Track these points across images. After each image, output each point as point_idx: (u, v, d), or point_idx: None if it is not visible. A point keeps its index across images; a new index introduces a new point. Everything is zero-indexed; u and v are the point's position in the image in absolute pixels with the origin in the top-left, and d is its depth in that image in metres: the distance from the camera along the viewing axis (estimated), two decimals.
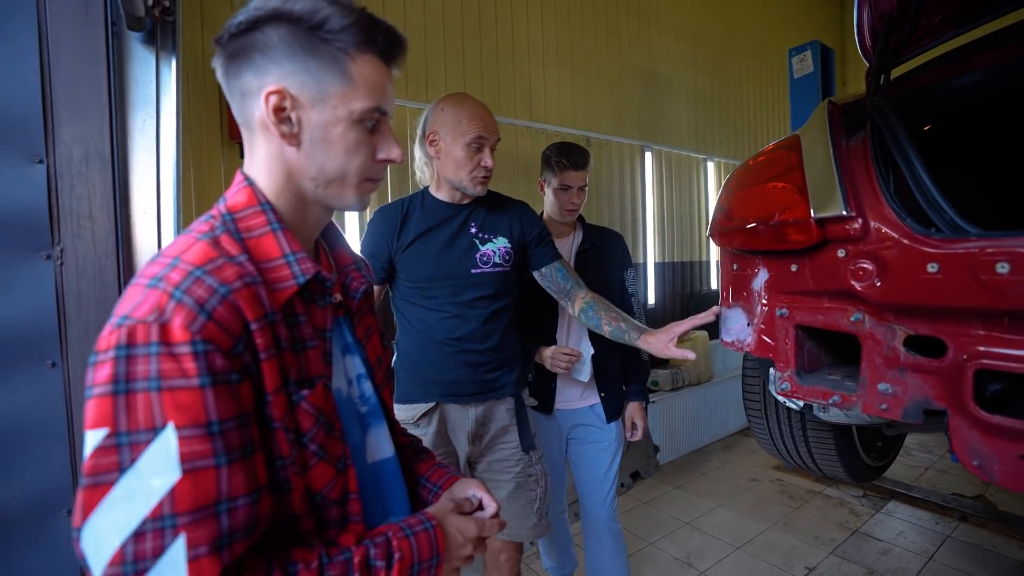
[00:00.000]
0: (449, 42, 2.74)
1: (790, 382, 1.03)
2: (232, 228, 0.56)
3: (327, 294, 0.60)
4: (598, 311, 1.39)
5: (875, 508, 2.80)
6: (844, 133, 0.97)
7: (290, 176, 0.58)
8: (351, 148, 0.57)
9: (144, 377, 0.45)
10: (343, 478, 0.59)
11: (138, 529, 0.43)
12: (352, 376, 0.66)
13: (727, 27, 4.34)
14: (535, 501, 1.41)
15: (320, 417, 0.56)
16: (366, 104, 0.57)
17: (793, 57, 3.03)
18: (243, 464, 0.48)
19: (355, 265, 0.70)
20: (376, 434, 0.68)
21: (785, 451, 1.65)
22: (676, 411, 3.43)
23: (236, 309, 0.49)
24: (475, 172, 1.28)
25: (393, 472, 0.70)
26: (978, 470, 0.80)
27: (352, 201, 0.61)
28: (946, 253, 0.75)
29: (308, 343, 0.57)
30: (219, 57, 0.56)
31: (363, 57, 0.56)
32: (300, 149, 0.57)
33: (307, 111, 0.55)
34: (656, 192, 3.81)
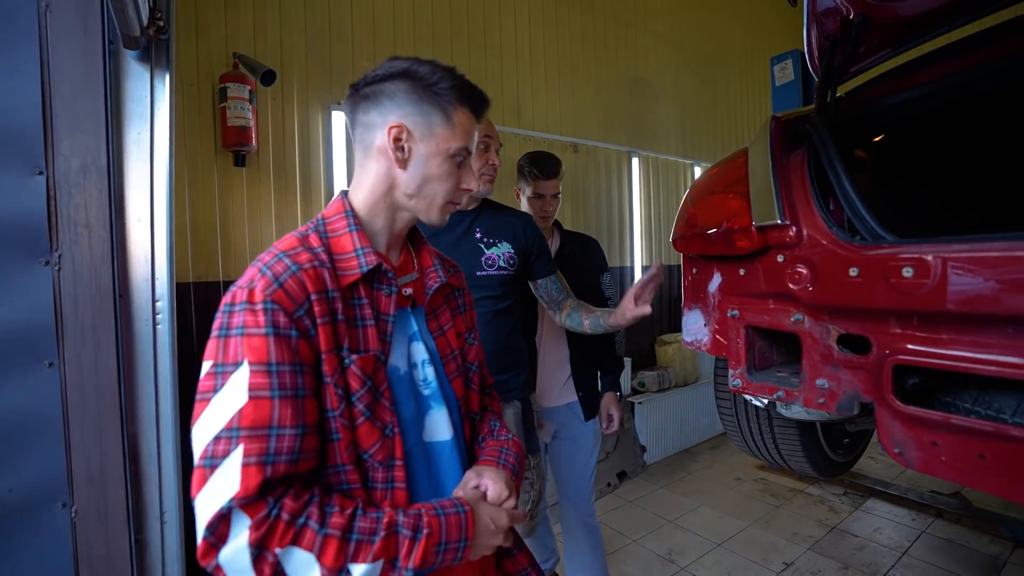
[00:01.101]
0: (438, 48, 2.82)
1: (741, 379, 1.10)
2: (322, 229, 0.74)
3: (391, 284, 0.74)
4: (579, 312, 1.50)
5: (854, 505, 2.87)
6: (787, 147, 1.05)
7: (391, 190, 0.76)
8: (444, 176, 0.75)
9: (236, 326, 0.61)
10: (390, 443, 0.70)
11: (217, 434, 0.58)
12: (417, 360, 0.78)
13: (713, 34, 4.43)
14: (527, 503, 1.45)
15: (368, 382, 0.68)
16: (460, 144, 0.75)
17: (775, 65, 3.10)
18: (293, 402, 0.61)
19: (434, 267, 0.84)
20: (435, 416, 0.78)
21: (754, 447, 1.72)
22: (663, 412, 3.50)
23: (302, 283, 0.64)
24: (483, 169, 1.35)
25: (449, 454, 0.79)
26: (899, 457, 0.87)
27: (436, 216, 0.78)
28: (864, 258, 0.82)
29: (367, 321, 0.70)
30: (352, 96, 0.75)
31: (461, 109, 0.75)
32: (405, 171, 0.74)
33: (416, 144, 0.73)
34: (643, 197, 3.88)
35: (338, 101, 2.46)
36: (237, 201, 2.22)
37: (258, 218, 2.29)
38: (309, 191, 2.41)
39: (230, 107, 2.05)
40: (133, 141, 1.24)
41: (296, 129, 2.38)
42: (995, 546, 2.41)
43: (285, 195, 2.35)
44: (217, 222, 2.17)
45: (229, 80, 2.04)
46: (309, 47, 2.40)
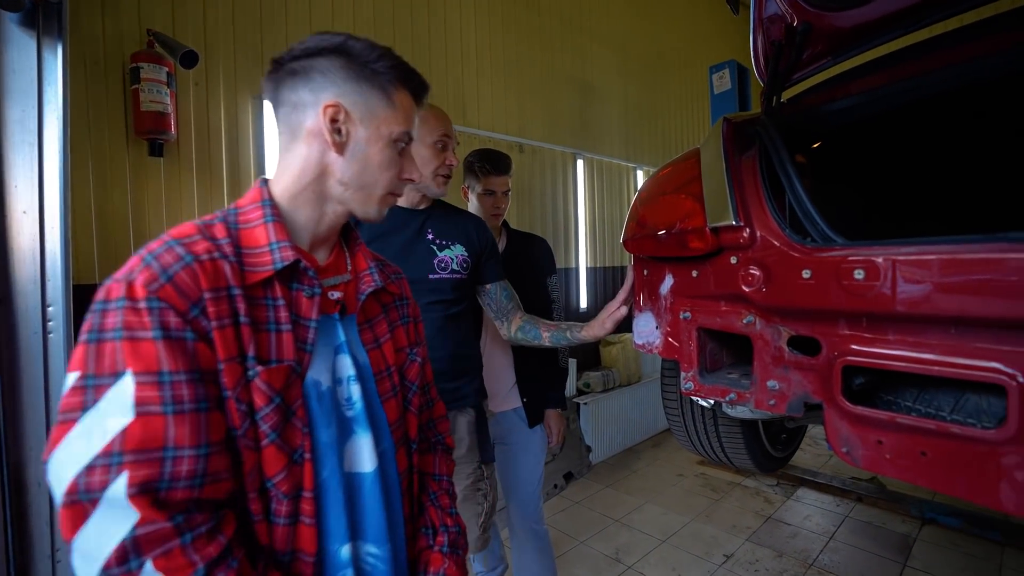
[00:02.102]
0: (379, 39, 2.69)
1: (693, 381, 1.10)
2: (232, 220, 0.64)
3: (313, 285, 0.65)
4: (536, 324, 1.43)
5: (787, 495, 3.02)
6: (738, 149, 1.05)
7: (322, 177, 0.68)
8: (385, 163, 0.69)
9: (112, 327, 0.51)
10: (298, 471, 0.61)
11: (90, 463, 0.48)
12: (342, 376, 0.68)
13: (655, 40, 4.56)
14: (480, 515, 1.40)
15: (276, 398, 0.59)
16: (403, 128, 0.70)
17: (713, 74, 3.21)
18: (193, 417, 0.52)
19: (370, 271, 0.76)
20: (358, 442, 0.68)
21: (700, 446, 1.75)
22: (608, 412, 3.54)
23: (195, 277, 0.55)
24: (439, 170, 1.30)
25: (372, 489, 0.68)
26: (846, 456, 0.88)
27: (374, 209, 0.71)
28: (816, 260, 0.83)
29: (282, 326, 0.61)
30: (276, 72, 0.66)
31: (402, 91, 0.70)
32: (342, 156, 0.67)
33: (355, 126, 0.67)
34: (588, 199, 3.92)
35: None
36: (154, 194, 2.01)
37: (178, 214, 2.08)
38: (238, 187, 2.22)
39: (143, 90, 1.84)
40: (15, 120, 1.07)
41: (223, 119, 2.19)
42: (906, 525, 2.62)
43: (211, 191, 2.16)
44: (130, 217, 1.94)
45: (142, 60, 1.83)
46: (237, 29, 2.22)
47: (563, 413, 1.86)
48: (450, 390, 1.33)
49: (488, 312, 1.49)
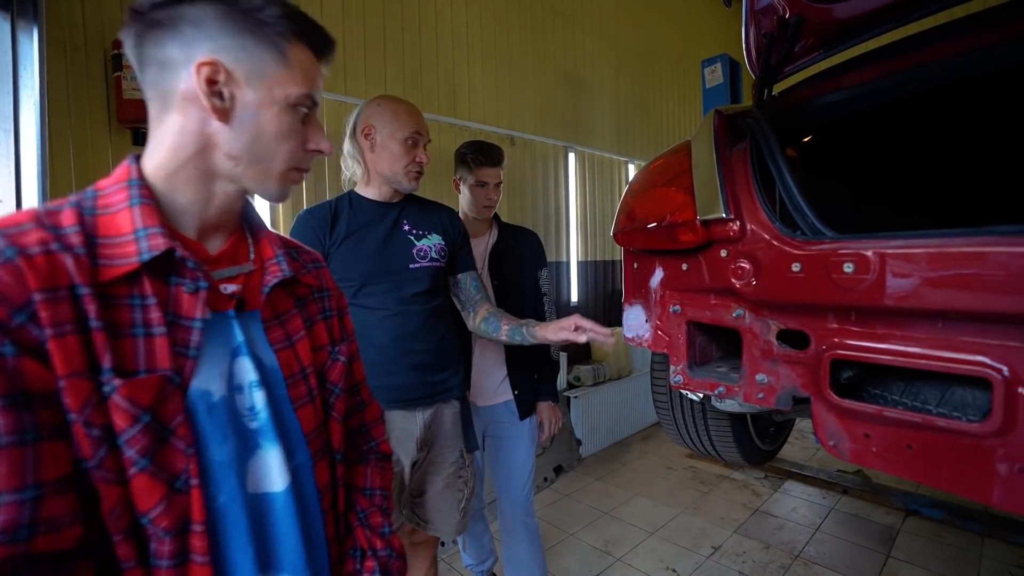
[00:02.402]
0: (369, 31, 2.66)
1: (682, 375, 1.10)
2: (88, 204, 0.53)
3: (197, 278, 0.54)
4: (498, 318, 1.41)
5: (774, 488, 3.05)
6: (728, 141, 1.05)
7: (204, 151, 0.57)
8: (283, 133, 0.58)
9: None
10: (181, 501, 0.50)
11: None
12: (242, 382, 0.58)
13: (648, 34, 4.54)
14: (460, 501, 1.44)
15: (145, 416, 0.48)
16: (302, 90, 0.58)
17: (705, 68, 3.21)
18: (10, 453, 0.42)
19: (276, 259, 0.65)
20: (264, 458, 0.58)
21: (688, 439, 1.76)
22: (598, 405, 3.55)
23: (19, 275, 0.45)
24: (410, 166, 1.30)
25: (284, 511, 0.59)
26: (833, 449, 0.89)
27: (274, 188, 0.61)
28: (806, 254, 0.83)
29: (153, 329, 0.51)
30: (135, 25, 0.54)
31: (299, 46, 0.58)
32: (228, 125, 0.56)
33: (241, 88, 0.55)
34: (579, 192, 3.91)
35: None
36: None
37: None
38: None
39: (126, 77, 1.79)
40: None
41: None
42: (890, 516, 2.66)
43: None
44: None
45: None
46: None
47: (556, 405, 1.86)
48: (435, 382, 1.35)
49: (456, 302, 1.50)
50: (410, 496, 1.43)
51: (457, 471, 1.42)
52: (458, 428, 1.42)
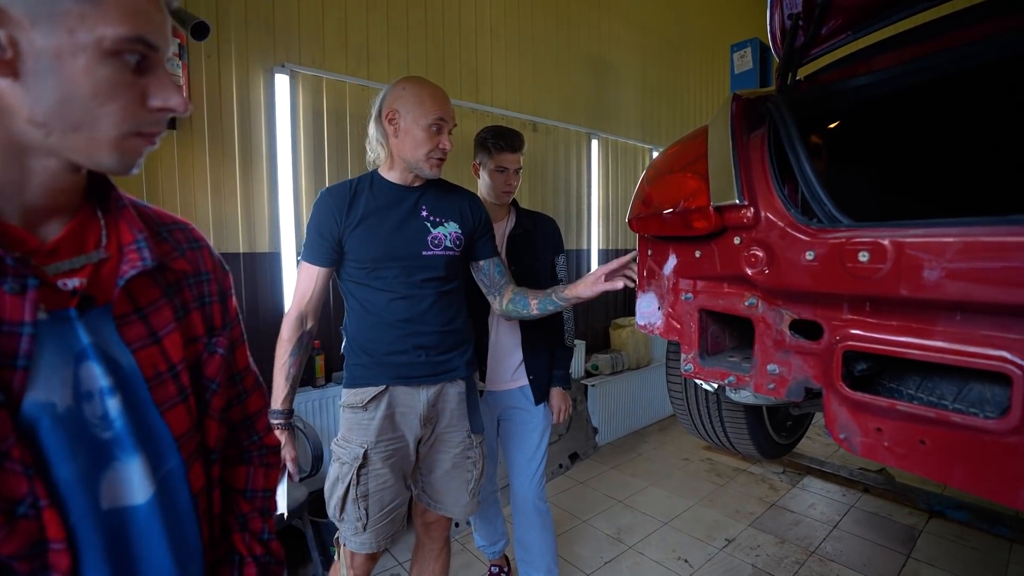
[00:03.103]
0: (392, 16, 2.66)
1: (693, 364, 1.09)
2: None
3: (22, 275, 0.45)
4: (524, 295, 1.45)
5: (792, 483, 3.01)
6: (747, 127, 1.02)
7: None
8: (103, 89, 0.46)
9: None
10: (28, 526, 0.45)
11: None
12: (91, 389, 0.50)
13: (676, 18, 4.42)
14: (470, 482, 1.45)
15: None
16: (119, 31, 0.44)
17: (734, 53, 3.12)
18: None
19: (136, 245, 0.55)
20: (122, 470, 0.51)
21: (703, 430, 1.74)
22: (615, 394, 3.54)
23: None
24: (433, 152, 1.29)
25: (149, 524, 0.53)
26: (844, 442, 0.87)
27: (110, 159, 0.49)
28: (820, 242, 0.81)
29: None
30: None
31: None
32: (18, 81, 0.44)
33: (25, 31, 0.42)
34: (602, 179, 3.87)
35: (282, 63, 2.28)
36: (167, 167, 2.03)
37: (192, 187, 2.10)
38: (249, 159, 2.24)
39: None
40: None
41: (235, 92, 2.19)
42: (912, 517, 2.59)
43: (223, 163, 2.17)
44: (144, 190, 1.97)
45: None
46: (248, 1, 2.21)
47: (567, 391, 1.87)
48: (440, 362, 1.37)
49: (481, 287, 1.51)
50: (420, 475, 1.45)
51: (465, 451, 1.44)
52: (463, 408, 1.43)
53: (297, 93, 2.33)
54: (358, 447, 1.31)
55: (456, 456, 1.43)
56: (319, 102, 2.41)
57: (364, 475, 1.31)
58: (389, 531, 1.36)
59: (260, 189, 2.27)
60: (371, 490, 1.31)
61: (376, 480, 1.32)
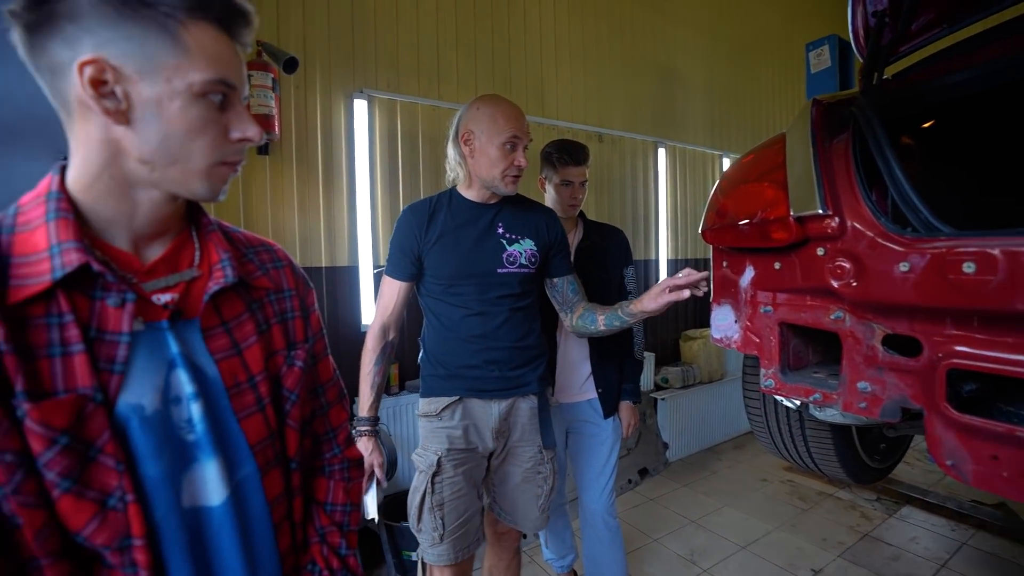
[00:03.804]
0: (461, 36, 2.77)
1: (774, 379, 1.04)
2: (8, 223, 0.52)
3: (122, 291, 0.52)
4: (592, 311, 1.43)
5: (888, 512, 2.75)
6: (828, 132, 0.97)
7: (114, 158, 0.52)
8: (194, 126, 0.53)
9: None
10: (117, 518, 0.50)
11: None
12: (179, 394, 0.55)
13: (747, 20, 4.27)
14: (540, 497, 1.44)
15: (63, 438, 0.47)
16: (206, 75, 0.52)
17: (810, 52, 2.96)
18: None
19: (221, 264, 0.61)
20: (201, 471, 0.56)
21: (784, 449, 1.65)
22: (686, 409, 3.41)
23: None
24: (508, 171, 1.30)
25: (222, 526, 0.57)
26: (951, 470, 0.79)
27: (200, 187, 0.56)
28: (917, 252, 0.75)
29: (71, 347, 0.49)
30: (17, 30, 0.49)
31: (198, 25, 0.52)
32: (131, 127, 0.51)
33: (135, 84, 0.50)
34: (670, 188, 3.78)
35: (360, 89, 2.44)
36: (259, 189, 2.23)
37: (281, 207, 2.29)
38: (331, 179, 2.40)
39: (254, 95, 2.04)
40: None
41: (319, 117, 2.37)
42: None
43: (308, 184, 2.35)
44: (240, 210, 2.18)
45: (253, 68, 2.03)
46: (331, 33, 2.39)
47: (636, 406, 1.83)
48: (512, 377, 1.37)
49: (554, 304, 1.52)
50: (492, 485, 1.46)
51: (536, 466, 1.43)
52: (535, 423, 1.42)
53: (374, 116, 2.48)
54: (433, 454, 1.34)
55: (527, 471, 1.43)
56: (394, 124, 2.55)
57: (439, 482, 1.33)
58: (464, 543, 1.36)
59: (340, 206, 2.43)
60: (446, 498, 1.33)
61: (451, 488, 1.34)
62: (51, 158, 1.14)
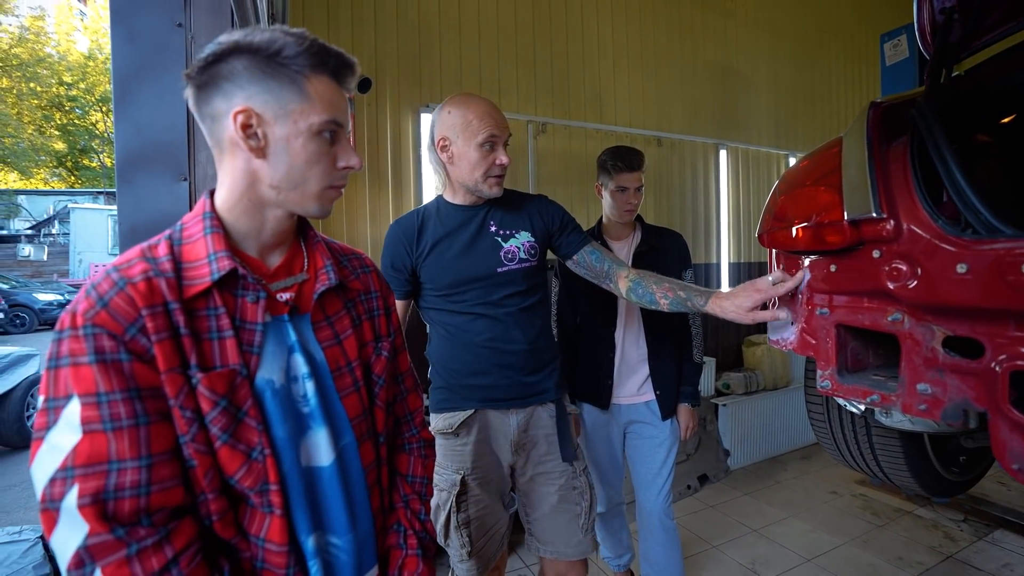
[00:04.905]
0: (521, 45, 2.88)
1: (831, 380, 1.05)
2: (176, 236, 0.67)
3: (258, 290, 0.66)
4: (648, 285, 1.26)
5: (977, 535, 2.55)
6: (886, 135, 0.97)
7: (252, 185, 0.66)
8: (313, 158, 0.66)
9: (63, 355, 0.56)
10: (259, 467, 0.63)
11: (52, 476, 0.54)
12: (297, 374, 0.69)
13: (813, 12, 4.10)
14: (580, 516, 1.35)
15: (222, 401, 0.61)
16: (323, 117, 0.65)
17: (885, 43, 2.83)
18: (132, 431, 0.56)
19: (326, 269, 0.74)
20: (315, 437, 0.69)
21: (850, 457, 1.61)
22: (749, 416, 3.32)
23: (130, 299, 0.58)
24: (491, 171, 1.25)
25: (330, 483, 0.70)
26: (1018, 474, 0.78)
27: (314, 207, 0.69)
28: (975, 253, 0.75)
29: (224, 332, 0.63)
30: (190, 88, 0.65)
31: (317, 77, 0.65)
32: (266, 160, 0.65)
33: (271, 127, 0.64)
34: (731, 191, 3.70)
35: (427, 104, 2.60)
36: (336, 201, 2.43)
37: (355, 216, 2.48)
38: (401, 191, 2.58)
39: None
40: None
41: (388, 132, 2.55)
42: None
43: (379, 195, 2.54)
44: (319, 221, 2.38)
45: None
46: (400, 53, 2.56)
47: (695, 409, 1.84)
48: (529, 383, 1.32)
49: (589, 279, 1.40)
50: (526, 515, 1.39)
51: (570, 481, 1.35)
52: (555, 434, 1.35)
53: None
54: (454, 473, 1.29)
55: (562, 487, 1.34)
56: None
57: (464, 501, 1.29)
58: (491, 550, 1.34)
59: None
60: (472, 516, 1.29)
61: (476, 506, 1.30)
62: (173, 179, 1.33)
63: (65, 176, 22.77)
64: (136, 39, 1.25)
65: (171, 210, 1.31)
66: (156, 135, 1.31)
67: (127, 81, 1.25)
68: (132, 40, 1.24)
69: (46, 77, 19.59)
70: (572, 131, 3.03)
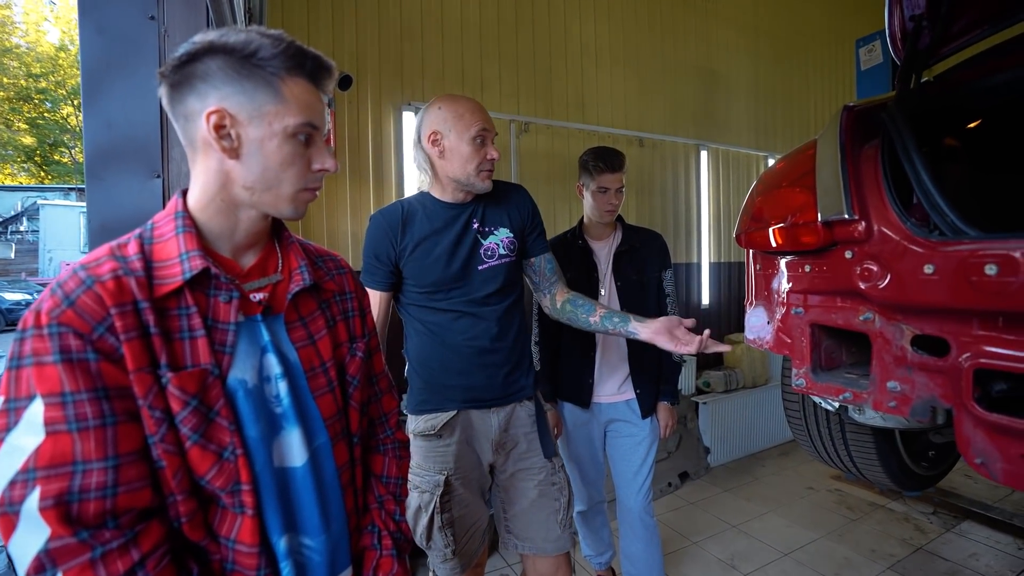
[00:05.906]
0: (503, 48, 2.88)
1: (805, 379, 1.07)
2: (147, 235, 0.66)
3: (230, 289, 0.66)
4: (586, 302, 1.37)
5: (946, 527, 2.63)
6: (859, 138, 0.99)
7: (225, 185, 0.65)
8: (287, 160, 0.65)
9: (26, 355, 0.55)
10: (230, 467, 0.63)
11: (12, 478, 0.52)
12: (270, 374, 0.68)
13: (791, 17, 4.17)
14: (559, 511, 1.36)
15: (192, 401, 0.60)
16: (298, 120, 0.64)
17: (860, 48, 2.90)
18: (98, 432, 0.55)
19: (300, 269, 0.74)
20: (287, 438, 0.69)
21: (824, 453, 1.64)
22: (729, 413, 3.38)
23: (98, 298, 0.57)
24: (482, 165, 1.27)
25: (303, 483, 0.69)
26: (981, 468, 0.81)
27: (288, 209, 0.69)
28: (941, 255, 0.77)
29: (195, 332, 0.63)
30: (163, 87, 0.63)
31: (293, 80, 0.64)
32: (239, 161, 0.64)
33: (245, 128, 0.63)
34: (712, 191, 3.75)
35: (409, 101, 2.58)
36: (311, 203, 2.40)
37: (335, 213, 2.46)
38: (382, 188, 2.56)
39: None
40: None
41: (370, 129, 2.53)
42: None
43: (360, 192, 2.51)
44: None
45: None
46: (382, 49, 2.54)
47: (674, 407, 1.86)
48: (510, 382, 1.33)
49: (529, 283, 1.45)
50: (503, 511, 1.39)
51: (549, 476, 1.36)
52: (535, 431, 1.36)
53: None
54: (437, 474, 1.29)
55: (541, 483, 1.35)
56: None
57: (447, 502, 1.29)
58: (474, 547, 1.35)
59: None
60: (455, 516, 1.30)
61: (459, 506, 1.31)
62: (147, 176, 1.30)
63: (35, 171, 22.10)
64: (106, 31, 1.21)
65: (144, 207, 1.27)
66: (128, 130, 1.28)
67: (97, 74, 1.21)
68: (102, 32, 1.20)
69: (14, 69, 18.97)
70: (555, 131, 3.04)
